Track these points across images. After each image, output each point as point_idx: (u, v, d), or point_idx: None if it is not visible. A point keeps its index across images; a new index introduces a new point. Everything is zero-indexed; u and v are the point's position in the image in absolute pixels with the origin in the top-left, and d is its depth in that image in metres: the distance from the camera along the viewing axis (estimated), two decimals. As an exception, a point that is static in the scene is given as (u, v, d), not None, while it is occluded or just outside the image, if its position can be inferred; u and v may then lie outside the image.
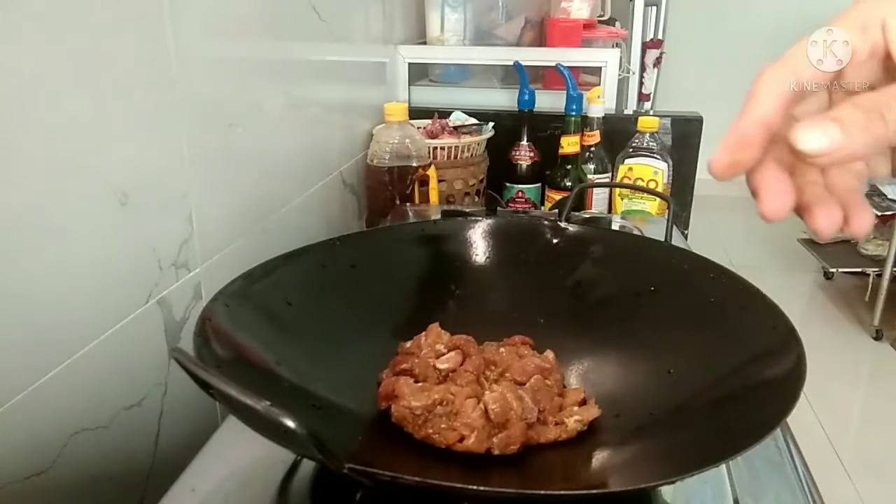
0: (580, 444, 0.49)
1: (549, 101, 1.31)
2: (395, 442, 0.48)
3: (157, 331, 0.63)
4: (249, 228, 0.78)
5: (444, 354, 0.53)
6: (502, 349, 0.54)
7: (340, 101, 1.09)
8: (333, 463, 0.36)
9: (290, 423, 0.33)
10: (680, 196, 1.28)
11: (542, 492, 0.40)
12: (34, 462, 0.50)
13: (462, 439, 0.47)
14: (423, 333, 0.55)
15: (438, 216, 0.94)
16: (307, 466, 0.51)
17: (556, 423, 0.49)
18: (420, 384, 0.51)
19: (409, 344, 0.55)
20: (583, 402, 0.52)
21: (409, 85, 1.40)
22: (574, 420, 0.49)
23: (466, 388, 0.50)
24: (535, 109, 1.23)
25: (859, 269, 2.54)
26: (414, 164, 1.04)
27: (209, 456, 0.53)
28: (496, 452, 0.47)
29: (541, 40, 1.46)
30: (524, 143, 1.22)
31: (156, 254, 0.62)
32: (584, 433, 0.50)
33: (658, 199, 1.08)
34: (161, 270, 0.63)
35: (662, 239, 0.80)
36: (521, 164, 1.22)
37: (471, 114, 1.28)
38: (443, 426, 0.48)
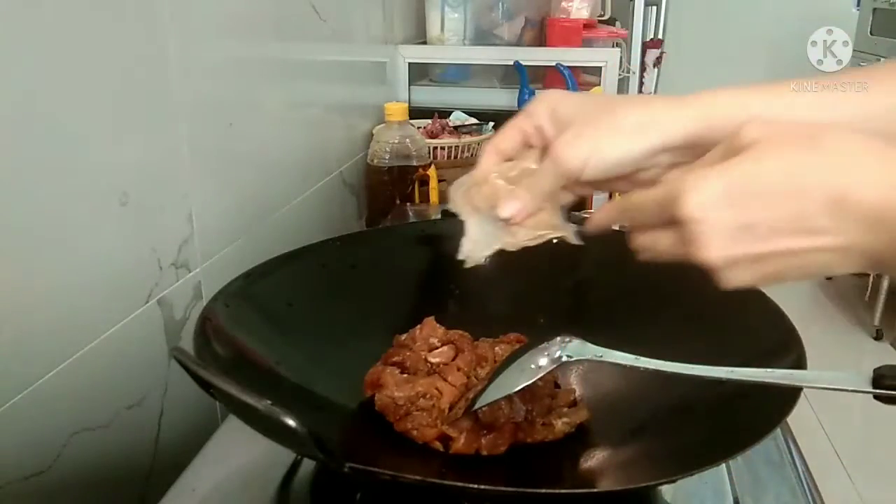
0: (580, 444, 0.49)
1: (549, 100, 1.30)
2: (394, 441, 0.48)
3: (157, 331, 0.63)
4: (249, 228, 0.78)
5: (437, 348, 0.53)
6: (497, 347, 0.54)
7: (340, 101, 1.09)
8: (334, 462, 0.36)
9: (291, 423, 0.33)
10: (680, 196, 1.28)
11: (544, 490, 0.40)
12: (34, 462, 0.50)
13: (441, 436, 0.48)
14: (419, 326, 0.55)
15: (438, 216, 0.94)
16: (307, 466, 0.51)
17: (544, 424, 0.49)
18: (406, 376, 0.51)
19: (404, 336, 0.55)
20: (573, 404, 0.52)
21: (409, 85, 1.40)
22: (562, 422, 0.49)
23: (452, 389, 0.50)
24: (535, 109, 1.22)
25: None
26: (414, 164, 1.04)
27: (209, 456, 0.53)
28: (484, 453, 0.47)
29: (541, 40, 1.46)
30: (524, 143, 1.22)
31: (156, 254, 0.62)
32: (585, 433, 0.50)
33: (658, 199, 1.08)
34: (161, 270, 0.63)
35: (662, 239, 0.80)
36: (521, 164, 1.21)
37: (471, 114, 1.28)
38: (423, 422, 0.48)
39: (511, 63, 1.33)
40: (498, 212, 0.43)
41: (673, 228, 0.35)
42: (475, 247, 0.46)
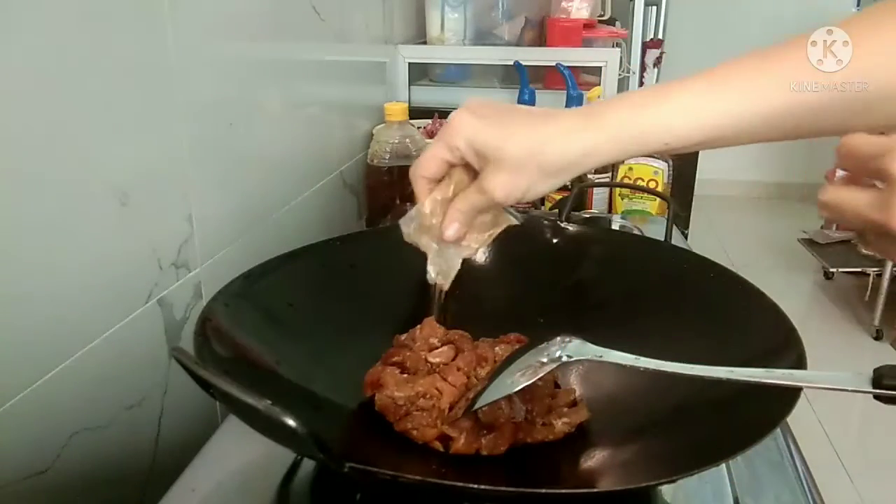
0: (580, 444, 0.49)
1: (549, 100, 1.31)
2: (394, 441, 0.48)
3: (157, 331, 0.63)
4: (249, 228, 0.78)
5: (437, 348, 0.53)
6: (497, 347, 0.54)
7: (340, 101, 1.09)
8: (334, 462, 0.36)
9: (292, 423, 0.33)
10: (680, 196, 1.28)
11: (544, 490, 0.40)
12: (34, 462, 0.50)
13: (441, 436, 0.47)
14: (419, 326, 0.55)
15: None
16: (307, 466, 0.51)
17: (544, 424, 0.49)
18: (406, 376, 0.51)
19: (404, 336, 0.55)
20: (573, 404, 0.52)
21: (409, 85, 1.40)
22: (562, 422, 0.49)
23: (452, 389, 0.50)
24: (535, 109, 1.22)
25: (859, 269, 2.54)
26: (414, 164, 1.04)
27: (209, 456, 0.53)
28: (484, 453, 0.47)
29: (541, 40, 1.46)
30: (524, 143, 1.21)
31: (156, 254, 0.62)
32: (585, 432, 0.50)
33: (658, 199, 1.08)
34: (161, 270, 0.63)
35: (662, 239, 0.80)
36: (521, 164, 1.21)
37: (471, 114, 1.28)
38: (423, 422, 0.48)
39: (511, 63, 1.33)
40: (444, 236, 0.48)
41: (875, 189, 0.33)
42: (441, 270, 0.51)
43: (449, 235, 0.48)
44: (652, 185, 1.10)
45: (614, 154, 0.44)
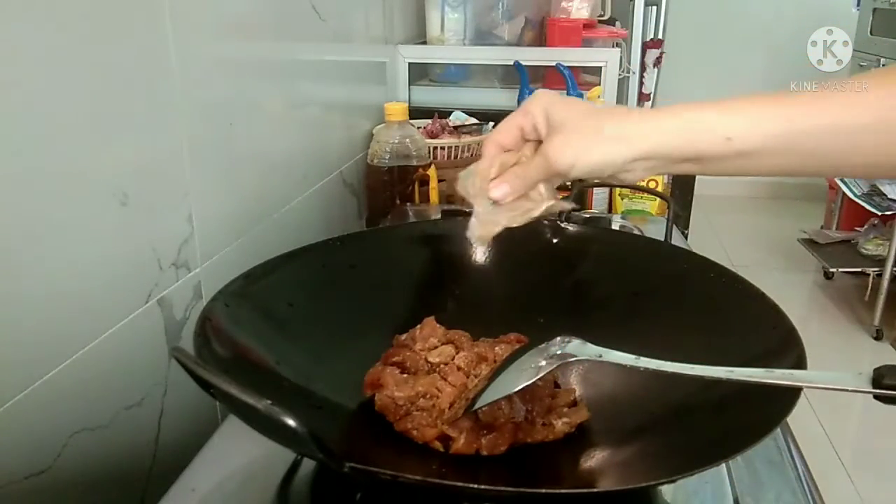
0: (580, 444, 0.49)
1: (549, 101, 1.30)
2: (394, 441, 0.48)
3: (157, 331, 0.63)
4: (249, 228, 0.78)
5: (437, 348, 0.53)
6: (497, 347, 0.54)
7: (340, 101, 1.09)
8: (334, 462, 0.36)
9: (291, 423, 0.33)
10: (680, 196, 1.28)
11: (544, 490, 0.40)
12: (34, 462, 0.50)
13: (441, 436, 0.48)
14: (419, 326, 0.55)
15: (438, 216, 0.94)
16: (307, 466, 0.51)
17: (544, 424, 0.49)
18: (405, 376, 0.51)
19: (404, 336, 0.55)
20: (573, 404, 0.52)
21: (409, 85, 1.40)
22: (562, 422, 0.49)
23: (452, 388, 0.50)
24: (535, 109, 1.22)
25: (859, 269, 2.53)
26: (414, 164, 1.04)
27: (209, 456, 0.53)
28: (484, 453, 0.47)
29: (541, 40, 1.46)
30: (524, 143, 1.21)
31: (156, 254, 0.62)
32: (585, 432, 0.50)
33: (658, 199, 1.08)
34: (161, 270, 0.63)
35: (662, 239, 0.80)
36: (521, 164, 1.21)
37: (471, 114, 1.28)
38: (423, 422, 0.48)
39: (511, 63, 1.33)
40: (489, 193, 0.49)
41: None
42: (483, 225, 0.52)
43: (495, 195, 0.49)
44: (652, 185, 1.09)
45: (674, 141, 0.44)
